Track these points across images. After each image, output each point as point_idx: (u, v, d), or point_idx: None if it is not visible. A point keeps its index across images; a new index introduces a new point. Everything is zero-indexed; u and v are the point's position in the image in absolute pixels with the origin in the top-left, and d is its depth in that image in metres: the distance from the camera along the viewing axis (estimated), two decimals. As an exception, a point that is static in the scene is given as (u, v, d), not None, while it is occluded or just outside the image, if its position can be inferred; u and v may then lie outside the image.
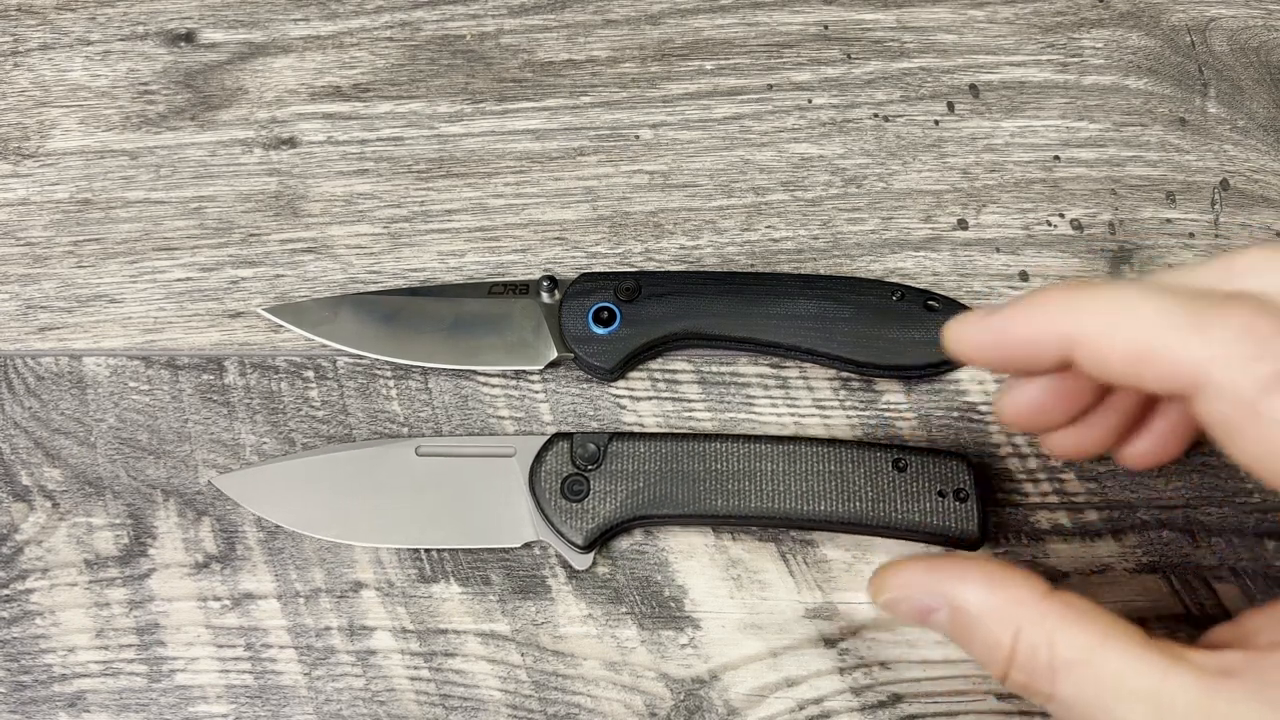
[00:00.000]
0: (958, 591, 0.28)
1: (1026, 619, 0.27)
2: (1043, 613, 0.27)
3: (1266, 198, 0.45)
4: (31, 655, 0.38)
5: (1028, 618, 0.27)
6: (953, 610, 0.29)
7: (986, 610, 0.28)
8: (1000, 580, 0.28)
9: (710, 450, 0.38)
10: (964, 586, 0.28)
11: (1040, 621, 0.27)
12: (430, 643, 0.38)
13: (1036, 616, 0.27)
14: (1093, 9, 0.49)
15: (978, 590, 0.28)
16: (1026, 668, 0.27)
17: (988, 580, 0.28)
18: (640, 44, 0.48)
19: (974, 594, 0.28)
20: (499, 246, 0.44)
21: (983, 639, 0.28)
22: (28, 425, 0.41)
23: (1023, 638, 0.27)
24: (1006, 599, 0.28)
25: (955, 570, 0.29)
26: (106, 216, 0.45)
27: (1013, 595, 0.28)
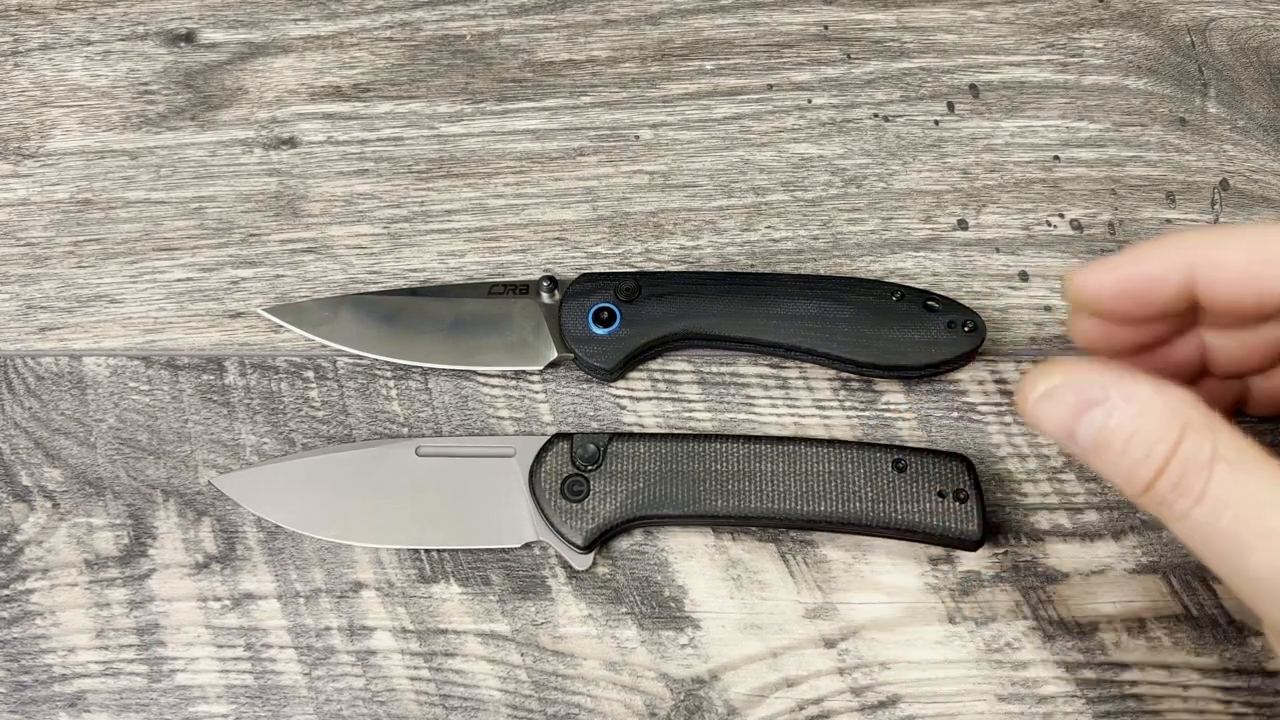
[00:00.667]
0: (1128, 384, 0.28)
1: (1194, 416, 0.28)
2: (1208, 415, 0.28)
3: (1266, 198, 0.45)
4: (32, 655, 0.38)
5: (1195, 415, 0.28)
6: (1119, 404, 0.28)
7: (1158, 402, 0.28)
8: (1165, 382, 0.29)
9: (710, 451, 0.38)
10: (1134, 381, 0.28)
11: (1207, 420, 0.28)
12: (430, 643, 0.38)
13: (1203, 415, 0.28)
14: (1093, 9, 0.49)
15: (1148, 386, 0.28)
16: (1187, 461, 0.27)
17: (1154, 379, 0.29)
18: (640, 44, 0.48)
19: (1145, 388, 0.28)
20: (499, 246, 0.44)
21: (1146, 435, 0.28)
22: (28, 425, 0.41)
23: (1190, 432, 0.27)
24: (1176, 396, 0.28)
25: (1126, 370, 0.29)
26: (107, 216, 0.45)
27: (1181, 395, 0.28)
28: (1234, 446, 0.27)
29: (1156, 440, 0.28)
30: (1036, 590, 0.38)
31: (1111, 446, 0.29)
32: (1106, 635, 0.38)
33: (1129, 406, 0.28)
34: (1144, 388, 0.28)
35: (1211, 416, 0.28)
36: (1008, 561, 0.39)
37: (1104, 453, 0.29)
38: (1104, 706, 0.37)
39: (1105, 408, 0.28)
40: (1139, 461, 0.28)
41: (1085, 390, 0.29)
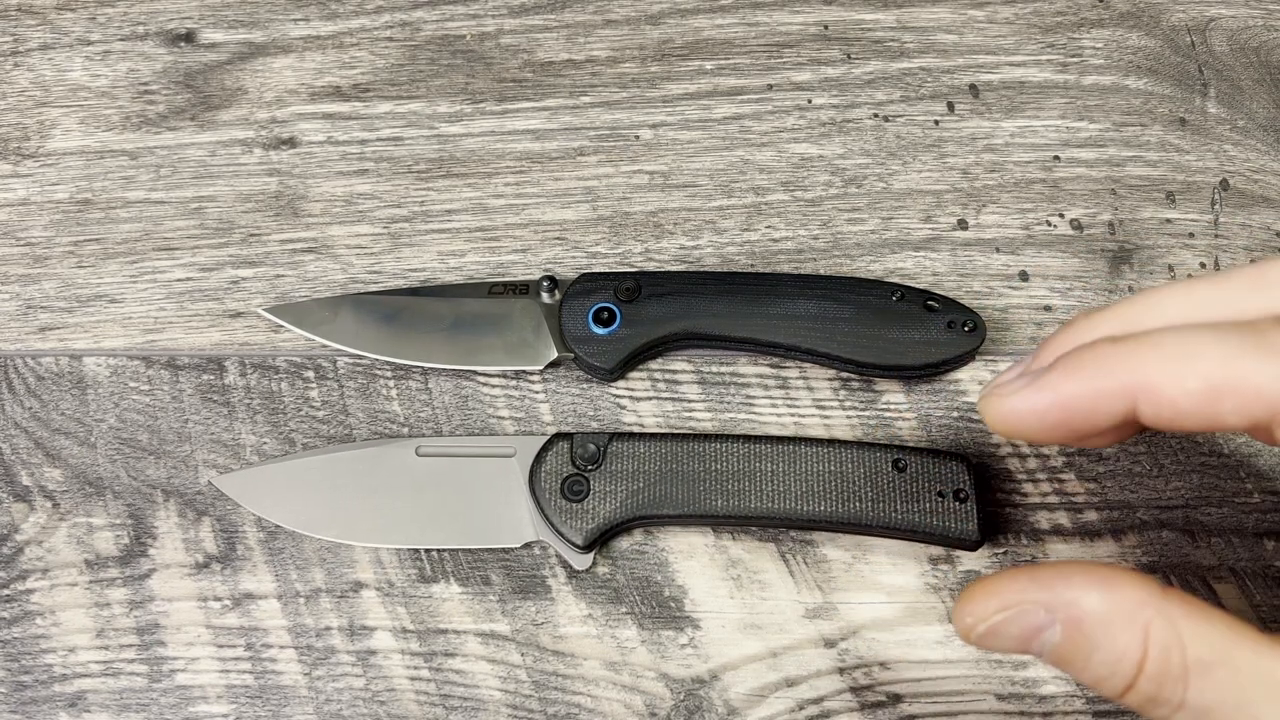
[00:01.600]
0: (1073, 599, 0.25)
1: (1155, 619, 0.25)
2: (1168, 612, 0.25)
3: (1266, 198, 0.45)
4: (32, 655, 0.38)
5: (1156, 618, 0.25)
6: (1068, 623, 0.25)
7: (1110, 615, 0.25)
8: (1115, 581, 0.25)
9: (710, 450, 0.38)
10: (1079, 593, 0.25)
11: (1168, 621, 0.25)
12: (430, 643, 0.38)
13: (1163, 616, 0.25)
14: (1093, 9, 0.49)
15: (1095, 594, 0.25)
16: (1158, 674, 0.25)
17: (1103, 582, 0.25)
18: (640, 44, 0.48)
19: (1092, 599, 0.25)
20: (499, 246, 0.44)
21: (1108, 649, 0.25)
22: (28, 425, 0.41)
23: (1153, 641, 0.25)
24: (1129, 599, 0.25)
25: (1059, 578, 0.26)
26: (106, 216, 0.45)
27: (1134, 595, 0.25)
28: (1205, 644, 0.24)
29: (1118, 658, 0.25)
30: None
31: (1073, 664, 0.26)
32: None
33: (1078, 627, 0.25)
34: (1092, 597, 0.25)
35: (1170, 609, 0.25)
36: (1008, 561, 0.39)
37: (1069, 668, 0.26)
38: (1104, 706, 0.37)
39: (1053, 630, 0.26)
40: (1105, 678, 0.26)
41: (1025, 619, 0.26)
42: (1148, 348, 0.25)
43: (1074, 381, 0.26)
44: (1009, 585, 0.26)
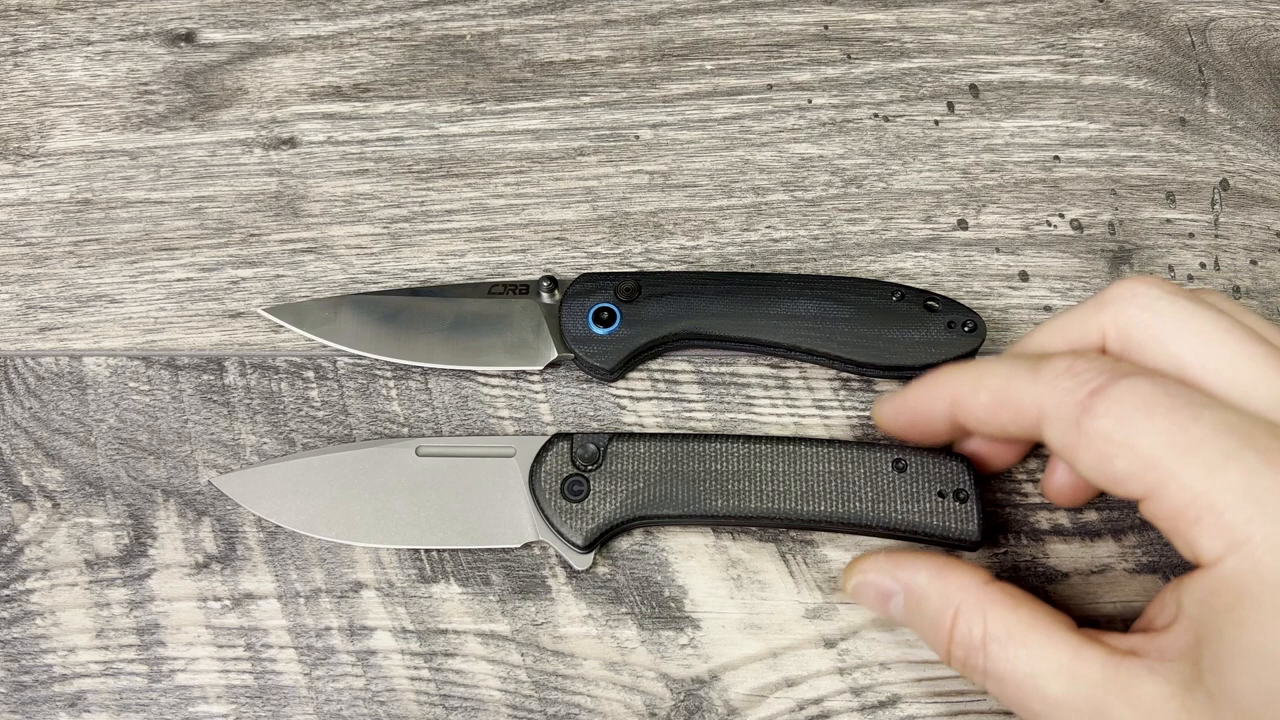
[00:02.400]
0: (909, 576, 0.34)
1: (965, 601, 0.32)
2: (979, 597, 0.32)
3: (1266, 198, 0.45)
4: (32, 655, 0.38)
5: (966, 600, 0.32)
6: (906, 593, 0.34)
7: (933, 592, 0.33)
8: (945, 569, 0.33)
9: (710, 451, 0.38)
10: (916, 572, 0.34)
11: (976, 603, 0.32)
12: (430, 643, 0.38)
13: (973, 600, 0.32)
14: (1093, 9, 0.49)
15: (925, 575, 0.33)
16: (963, 644, 0.32)
17: (934, 568, 0.34)
18: (640, 44, 0.48)
19: (922, 578, 0.33)
20: (499, 246, 0.44)
21: (929, 618, 0.33)
22: (28, 425, 0.41)
23: (961, 617, 0.32)
24: (949, 582, 0.33)
25: (908, 560, 0.34)
26: (106, 216, 0.45)
27: (954, 581, 0.33)
28: (1003, 623, 0.31)
29: (935, 625, 0.33)
30: (1037, 590, 0.38)
31: (913, 626, 0.34)
32: (1106, 635, 0.37)
33: (911, 598, 0.34)
34: (922, 577, 0.34)
35: (984, 594, 0.32)
36: (1008, 561, 0.39)
37: (913, 629, 0.35)
38: (1104, 706, 0.37)
39: (897, 598, 0.34)
40: (931, 641, 0.33)
41: (880, 584, 0.35)
42: (963, 370, 0.34)
43: (913, 393, 0.36)
44: (873, 558, 0.35)
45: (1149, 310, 0.32)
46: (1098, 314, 0.33)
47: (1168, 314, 0.31)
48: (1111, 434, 0.29)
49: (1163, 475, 0.28)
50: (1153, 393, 0.29)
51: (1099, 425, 0.29)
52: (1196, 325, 0.31)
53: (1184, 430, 0.28)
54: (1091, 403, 0.29)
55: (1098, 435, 0.29)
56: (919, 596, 0.33)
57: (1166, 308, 0.31)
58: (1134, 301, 0.32)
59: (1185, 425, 0.28)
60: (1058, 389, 0.30)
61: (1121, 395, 0.29)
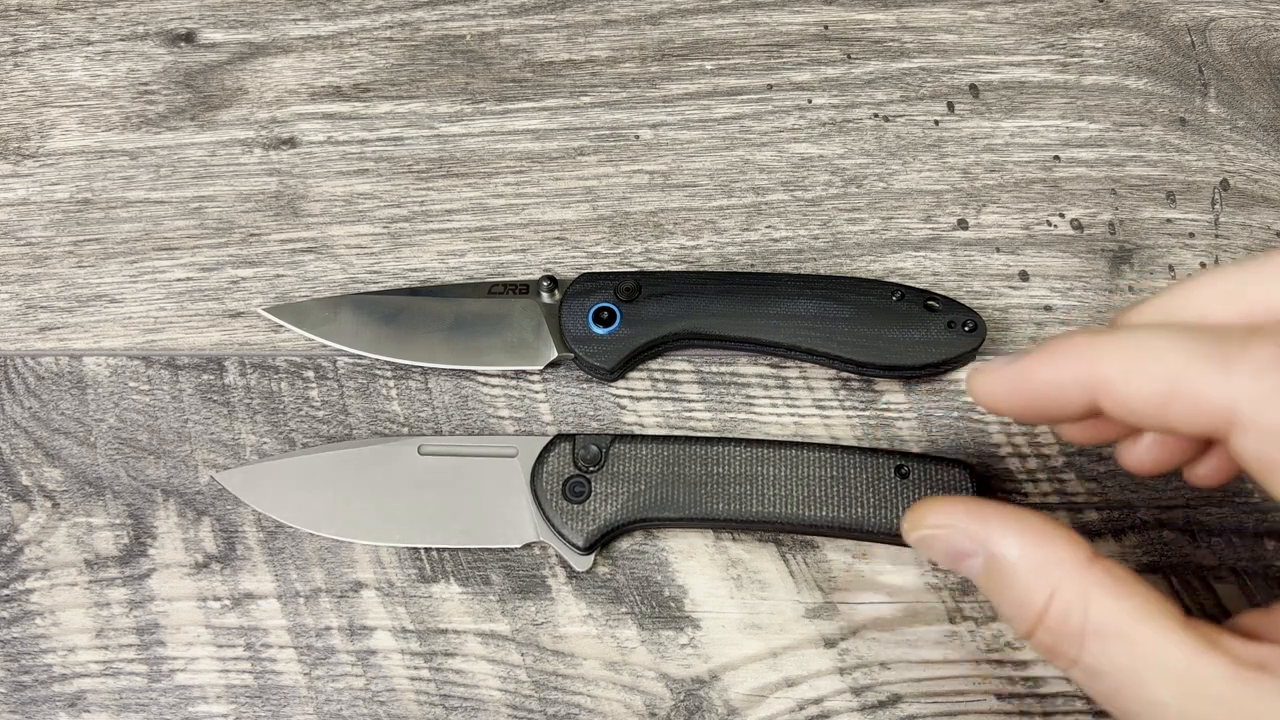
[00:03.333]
0: (997, 540, 0.28)
1: (1065, 580, 0.27)
2: (1083, 577, 0.26)
3: (1266, 198, 0.45)
4: (31, 655, 0.38)
5: (1067, 579, 0.27)
6: (989, 558, 0.28)
7: (1025, 565, 0.27)
8: (1043, 536, 0.27)
9: (712, 454, 0.38)
10: (1005, 536, 0.28)
11: (1079, 585, 0.26)
12: (430, 643, 0.38)
13: (1076, 580, 0.26)
14: (1093, 9, 0.49)
15: (1019, 542, 0.27)
16: (1056, 630, 0.27)
17: (1031, 534, 0.27)
18: (640, 44, 0.48)
19: (1014, 546, 0.27)
20: (499, 246, 0.44)
21: (1016, 593, 0.27)
22: (28, 425, 0.41)
23: (1057, 599, 0.26)
24: (1047, 556, 0.27)
25: (997, 517, 0.28)
26: (106, 216, 0.45)
27: (1054, 553, 0.27)
28: (1108, 613, 0.26)
29: (1023, 604, 0.27)
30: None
31: (991, 594, 0.28)
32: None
33: (996, 565, 0.28)
34: (1014, 545, 0.27)
35: (1085, 575, 0.26)
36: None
37: (990, 597, 0.29)
38: (1104, 706, 0.37)
39: (975, 560, 0.28)
40: (1011, 617, 0.28)
41: (954, 542, 0.29)
42: (1113, 345, 0.26)
43: (1044, 367, 0.27)
44: (950, 509, 0.29)
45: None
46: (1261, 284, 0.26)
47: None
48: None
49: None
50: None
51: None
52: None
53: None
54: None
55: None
56: (1006, 566, 0.27)
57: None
58: None
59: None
60: (1260, 390, 0.24)
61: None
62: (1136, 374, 0.26)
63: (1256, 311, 0.27)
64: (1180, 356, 0.25)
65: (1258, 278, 0.27)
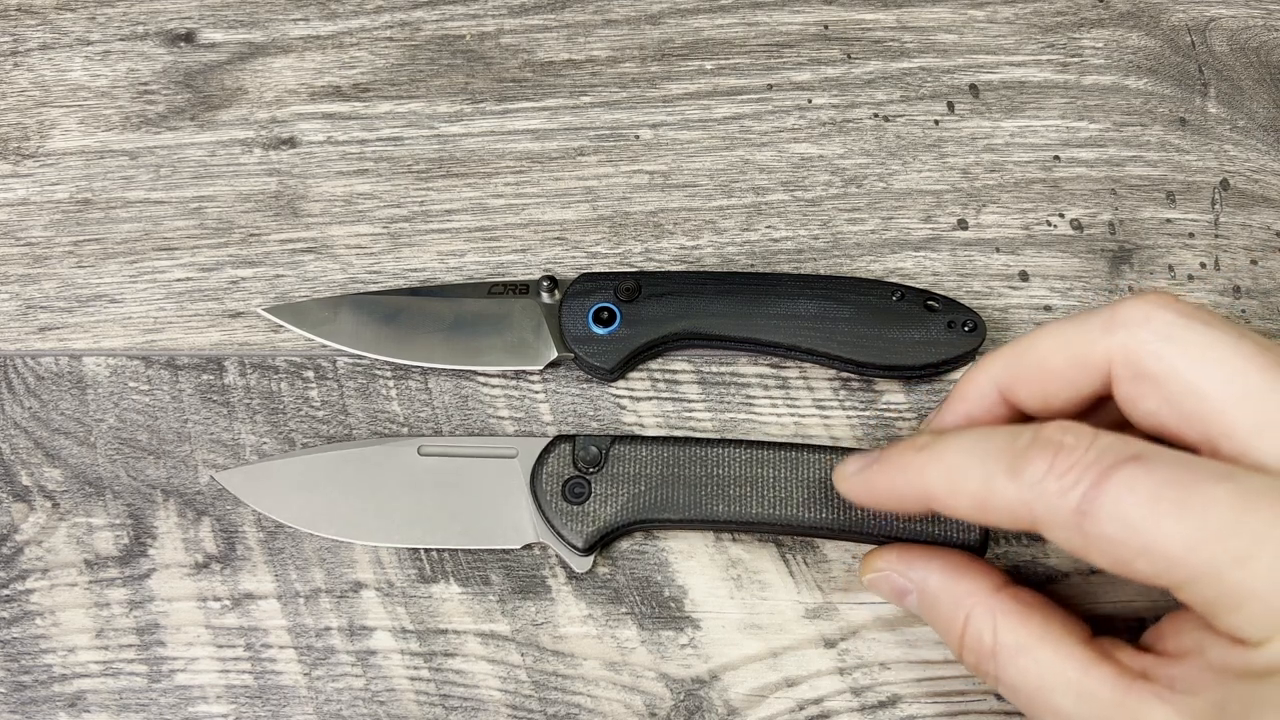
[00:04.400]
0: (923, 577, 0.33)
1: (976, 607, 0.32)
2: (990, 604, 0.31)
3: (1266, 198, 0.45)
4: (31, 655, 0.38)
5: (977, 606, 0.32)
6: (919, 593, 0.34)
7: (944, 596, 0.33)
8: (956, 571, 0.33)
9: (713, 455, 0.38)
10: (928, 573, 0.33)
11: (987, 610, 0.31)
12: (430, 643, 0.38)
13: (984, 606, 0.31)
14: (1093, 9, 0.49)
15: (938, 577, 0.33)
16: (973, 649, 0.31)
17: (946, 570, 0.33)
18: (640, 44, 0.48)
19: (935, 580, 0.33)
20: (499, 246, 0.44)
21: (942, 621, 0.33)
22: (28, 425, 0.41)
23: (970, 623, 0.31)
24: (960, 588, 0.32)
25: (922, 558, 0.34)
26: (106, 216, 0.45)
27: (967, 585, 0.32)
28: (1013, 633, 0.30)
29: (948, 629, 0.32)
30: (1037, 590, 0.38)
31: (928, 622, 0.34)
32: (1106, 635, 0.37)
33: (924, 599, 0.33)
34: (935, 579, 0.33)
35: (995, 602, 0.31)
36: (1008, 561, 0.39)
37: (930, 625, 0.34)
38: (1104, 706, 0.37)
39: (912, 596, 0.34)
40: (945, 641, 0.33)
41: (895, 582, 0.34)
42: (929, 465, 0.31)
43: (882, 479, 0.32)
44: (887, 555, 0.35)
45: (1165, 338, 0.29)
46: (1107, 336, 0.30)
47: (1186, 342, 0.29)
48: (1122, 538, 0.26)
49: (1190, 572, 0.26)
50: (1153, 483, 0.26)
51: (1105, 530, 0.27)
52: (1218, 354, 0.28)
53: (1202, 523, 0.26)
54: (1089, 507, 0.27)
55: (1106, 540, 0.27)
56: (931, 598, 0.33)
57: (1183, 334, 0.29)
58: (1148, 327, 0.29)
59: (1202, 516, 0.26)
60: (1046, 493, 0.28)
61: (1120, 494, 0.27)
62: (952, 490, 0.30)
63: (1078, 361, 0.31)
64: (979, 472, 0.29)
65: (1082, 336, 0.30)
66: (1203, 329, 0.29)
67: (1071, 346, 0.31)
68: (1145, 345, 0.29)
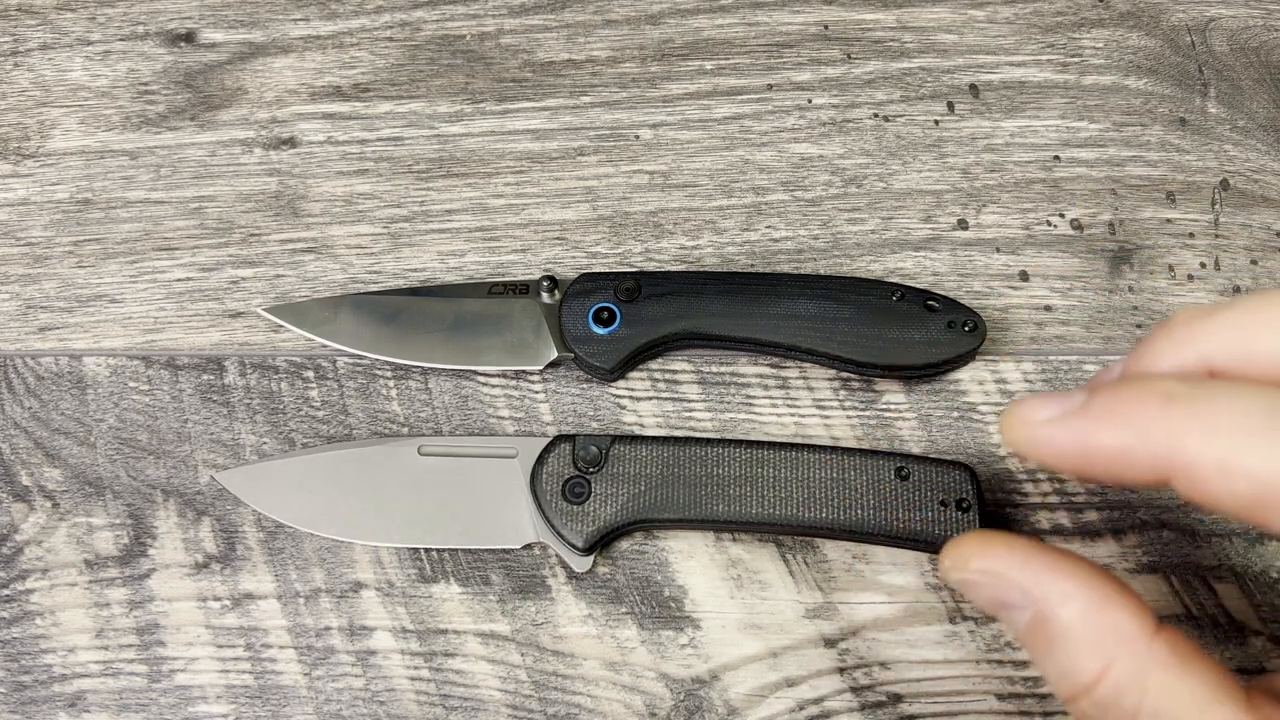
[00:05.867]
0: (1053, 600, 0.24)
1: (1124, 655, 0.23)
2: (1144, 653, 0.23)
3: (1266, 198, 0.45)
4: (31, 655, 0.38)
5: (1126, 654, 0.23)
6: (1038, 616, 0.25)
7: (1080, 631, 0.24)
8: (1104, 600, 0.24)
9: (712, 455, 0.38)
10: (1061, 596, 0.24)
11: (1138, 662, 0.23)
12: (430, 643, 0.38)
13: (1136, 655, 0.23)
14: (1093, 9, 0.49)
15: (1078, 606, 0.24)
16: (1105, 704, 0.24)
17: (1091, 596, 0.24)
18: (640, 44, 0.48)
19: (1072, 609, 0.24)
20: (499, 246, 0.44)
21: (1064, 660, 0.24)
22: (28, 425, 0.41)
23: (1112, 674, 0.23)
24: (1106, 624, 0.24)
25: (1052, 571, 0.25)
26: (106, 216, 0.45)
27: (1114, 622, 0.24)
28: (1168, 697, 0.23)
29: (1072, 671, 0.24)
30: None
31: (1033, 651, 0.25)
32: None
33: (1045, 626, 0.24)
34: (1072, 608, 0.24)
35: (1147, 651, 0.23)
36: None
37: (1030, 653, 0.26)
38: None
39: (1023, 613, 0.25)
40: (1055, 680, 0.25)
41: (1000, 591, 0.25)
42: (1199, 426, 0.22)
43: (1109, 433, 0.23)
44: (999, 555, 0.25)
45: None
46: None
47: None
48: None
49: None
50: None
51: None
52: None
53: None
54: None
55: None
56: (1058, 632, 0.24)
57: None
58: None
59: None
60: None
61: None
62: (1224, 466, 0.21)
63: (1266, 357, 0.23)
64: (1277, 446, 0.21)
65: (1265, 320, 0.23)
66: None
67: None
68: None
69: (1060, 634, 0.24)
